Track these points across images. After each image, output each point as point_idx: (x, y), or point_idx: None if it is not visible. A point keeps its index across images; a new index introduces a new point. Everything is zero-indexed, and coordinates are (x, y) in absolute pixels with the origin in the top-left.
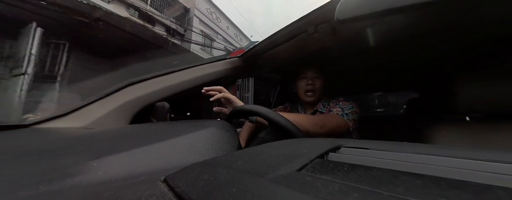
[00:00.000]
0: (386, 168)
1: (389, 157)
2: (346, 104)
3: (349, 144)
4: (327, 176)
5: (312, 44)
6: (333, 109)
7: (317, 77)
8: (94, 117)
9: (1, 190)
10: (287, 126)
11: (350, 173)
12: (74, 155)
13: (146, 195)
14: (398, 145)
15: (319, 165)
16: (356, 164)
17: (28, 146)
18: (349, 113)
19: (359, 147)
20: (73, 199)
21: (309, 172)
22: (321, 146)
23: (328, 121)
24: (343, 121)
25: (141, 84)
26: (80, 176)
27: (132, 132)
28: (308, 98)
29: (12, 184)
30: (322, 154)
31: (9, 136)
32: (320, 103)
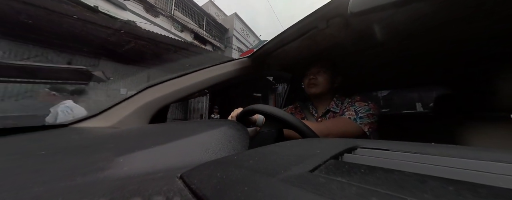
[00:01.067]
0: (410, 171)
1: (414, 160)
2: (362, 105)
3: (367, 144)
4: (342, 178)
5: (323, 40)
6: (346, 112)
7: (321, 72)
8: (119, 118)
9: (46, 180)
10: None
11: (368, 175)
12: (104, 151)
13: (165, 190)
14: (425, 147)
15: (333, 167)
16: (375, 166)
17: (67, 143)
18: (364, 117)
19: (378, 148)
20: (103, 190)
21: (323, 174)
22: (335, 146)
23: (336, 127)
24: (355, 127)
25: (158, 86)
26: (109, 170)
27: (152, 131)
28: (309, 89)
29: (55, 175)
30: (336, 155)
31: (52, 134)
32: (333, 102)
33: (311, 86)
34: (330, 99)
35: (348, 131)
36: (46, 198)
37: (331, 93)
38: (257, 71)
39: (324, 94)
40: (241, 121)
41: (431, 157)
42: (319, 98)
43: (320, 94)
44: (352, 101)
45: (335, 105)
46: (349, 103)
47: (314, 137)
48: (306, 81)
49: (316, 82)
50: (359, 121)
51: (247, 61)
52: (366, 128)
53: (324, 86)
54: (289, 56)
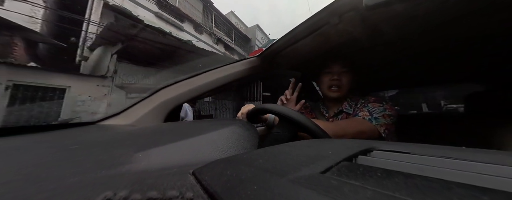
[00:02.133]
0: (435, 177)
1: (440, 165)
2: (377, 106)
3: (384, 146)
4: (356, 181)
5: (335, 37)
6: (360, 113)
7: (344, 72)
8: (137, 116)
9: (78, 172)
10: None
11: (385, 179)
12: (125, 147)
13: (178, 185)
14: (452, 151)
15: (346, 169)
16: (393, 170)
17: (95, 139)
18: (380, 117)
19: (397, 151)
20: (124, 183)
21: (335, 176)
22: (349, 148)
23: (351, 128)
24: (370, 127)
25: (172, 87)
26: (130, 164)
27: (167, 129)
28: (333, 94)
29: (85, 167)
30: (350, 156)
31: (84, 130)
32: (346, 103)
33: (334, 89)
34: (343, 100)
35: (364, 132)
36: (78, 187)
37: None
38: (266, 71)
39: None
40: (251, 119)
41: (460, 163)
42: (335, 99)
43: (342, 98)
44: (365, 102)
45: (348, 106)
46: (362, 104)
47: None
48: (326, 81)
49: (340, 84)
50: (375, 122)
51: (255, 61)
52: (382, 129)
53: (347, 89)
54: (299, 54)
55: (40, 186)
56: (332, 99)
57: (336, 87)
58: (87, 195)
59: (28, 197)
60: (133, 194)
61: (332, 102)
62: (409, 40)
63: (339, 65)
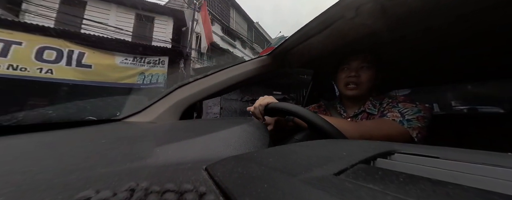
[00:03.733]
0: (471, 186)
1: (477, 172)
2: (409, 106)
3: (407, 149)
4: (374, 185)
5: (351, 31)
6: (388, 113)
7: (365, 67)
8: (156, 114)
9: (106, 164)
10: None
11: (408, 185)
12: (146, 142)
13: (192, 179)
14: (494, 157)
15: (363, 172)
16: (419, 175)
17: (120, 134)
18: (413, 119)
19: (424, 155)
20: (145, 175)
21: (350, 178)
22: (366, 149)
23: (378, 130)
24: (401, 130)
25: (187, 86)
26: (150, 158)
27: (182, 126)
28: (349, 92)
29: (112, 160)
30: (367, 159)
31: (111, 126)
32: (369, 102)
33: (351, 86)
34: (365, 98)
35: (393, 135)
36: (107, 177)
37: (367, 92)
38: (276, 69)
39: (363, 95)
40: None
41: (505, 171)
42: (354, 98)
43: (361, 96)
44: (394, 102)
45: (372, 106)
46: (389, 103)
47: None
48: (343, 78)
49: (359, 81)
50: (407, 124)
51: (266, 59)
52: (414, 133)
53: (367, 86)
54: (312, 51)
55: (78, 175)
56: (351, 98)
57: (354, 84)
58: (115, 185)
59: (70, 184)
60: (153, 186)
61: (351, 101)
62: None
63: (357, 60)
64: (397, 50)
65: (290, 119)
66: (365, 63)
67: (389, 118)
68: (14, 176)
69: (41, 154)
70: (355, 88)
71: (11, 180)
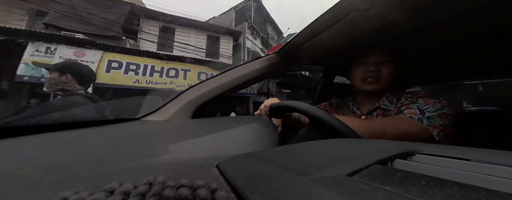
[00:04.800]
0: (508, 192)
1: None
2: (431, 102)
3: (431, 150)
4: (391, 187)
5: (366, 24)
6: (406, 110)
7: (385, 62)
8: (170, 113)
9: (128, 159)
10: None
11: (432, 189)
12: (161, 140)
13: (204, 176)
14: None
15: (379, 173)
16: (445, 179)
17: (138, 132)
18: (434, 117)
19: (451, 157)
20: (161, 171)
21: (365, 180)
22: (383, 149)
23: (392, 127)
24: (419, 128)
25: (198, 86)
26: (164, 155)
27: (194, 125)
28: (368, 86)
29: (133, 156)
30: (384, 159)
31: (130, 125)
32: (385, 98)
33: (370, 81)
34: (381, 94)
35: (409, 133)
36: (129, 171)
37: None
38: (285, 67)
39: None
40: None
41: None
42: (369, 94)
43: (379, 92)
44: (413, 97)
45: (388, 102)
46: (408, 99)
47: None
48: (360, 73)
49: (379, 75)
50: (427, 122)
51: (274, 57)
52: (435, 131)
53: (387, 81)
54: (322, 47)
55: (104, 169)
56: (367, 94)
57: (373, 79)
58: (136, 178)
59: (98, 176)
60: (169, 181)
61: (365, 98)
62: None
63: (376, 55)
64: (419, 42)
65: (296, 118)
66: (385, 57)
67: (406, 115)
68: (53, 168)
69: (73, 149)
70: (374, 82)
71: (51, 171)
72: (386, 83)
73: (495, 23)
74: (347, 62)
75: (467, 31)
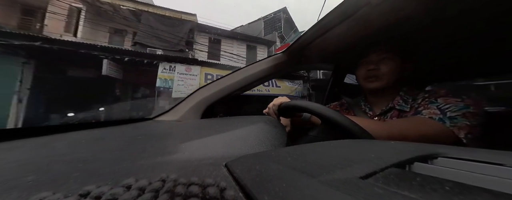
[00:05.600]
0: None
1: None
2: (453, 101)
3: (456, 153)
4: (410, 192)
5: (378, 19)
6: (424, 111)
7: (385, 59)
8: (181, 113)
9: (144, 157)
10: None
11: (458, 196)
12: (173, 139)
13: (214, 175)
14: None
15: (396, 177)
16: (473, 185)
17: (153, 131)
18: (458, 117)
19: (480, 161)
20: (173, 169)
21: (380, 183)
22: (400, 152)
23: (411, 130)
24: (441, 130)
25: (207, 87)
26: (176, 154)
27: (203, 125)
28: (369, 84)
29: (148, 154)
30: (401, 162)
31: (145, 124)
32: (399, 97)
33: (371, 79)
34: (394, 93)
35: (432, 136)
36: (144, 168)
37: (396, 86)
38: (293, 66)
39: (388, 87)
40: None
41: None
42: (378, 93)
43: (383, 89)
44: (431, 96)
45: (403, 102)
46: (426, 98)
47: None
48: (362, 72)
49: (378, 73)
50: (449, 123)
51: (281, 57)
52: (462, 133)
53: (389, 78)
54: (332, 44)
55: (122, 165)
56: (376, 93)
57: (373, 77)
58: (150, 175)
59: (116, 172)
60: (181, 178)
61: (376, 97)
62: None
63: (376, 52)
64: (437, 35)
65: (307, 118)
66: (386, 53)
67: (425, 116)
68: (77, 164)
69: (96, 147)
70: (375, 80)
71: (78, 166)
72: (388, 80)
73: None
74: (355, 59)
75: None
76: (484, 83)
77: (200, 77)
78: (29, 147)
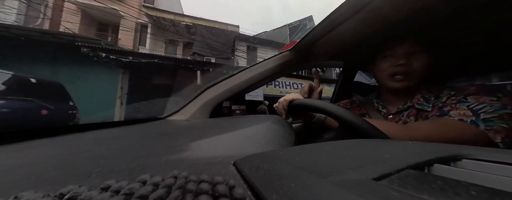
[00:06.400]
0: None
1: None
2: (487, 100)
3: (484, 155)
4: (429, 196)
5: (395, 10)
6: (452, 111)
7: (418, 53)
8: (190, 113)
9: (157, 154)
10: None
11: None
12: (183, 138)
13: (223, 173)
14: None
15: (413, 179)
16: (504, 190)
17: (164, 130)
18: (494, 119)
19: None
20: (184, 166)
21: (395, 185)
22: (418, 152)
23: (442, 135)
24: (474, 134)
25: (214, 87)
26: (186, 152)
27: (212, 124)
28: (397, 84)
29: (160, 151)
30: (419, 163)
31: (157, 123)
32: (420, 95)
33: (398, 77)
34: (413, 91)
35: (463, 141)
36: (157, 165)
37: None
38: (300, 64)
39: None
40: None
41: None
42: (400, 91)
43: (409, 89)
44: (458, 95)
45: (424, 100)
46: (452, 97)
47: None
48: (387, 68)
49: (409, 70)
50: (484, 126)
51: (288, 55)
52: (499, 137)
53: (419, 76)
54: (341, 40)
55: (138, 162)
56: (395, 91)
57: (402, 75)
58: (163, 172)
59: (133, 169)
60: (191, 175)
61: (393, 95)
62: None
63: (405, 45)
64: (459, 27)
65: (321, 120)
66: (417, 47)
67: (454, 118)
68: (99, 160)
69: (114, 145)
70: (403, 80)
71: (98, 163)
72: (418, 79)
73: None
74: (370, 55)
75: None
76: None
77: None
78: (55, 145)
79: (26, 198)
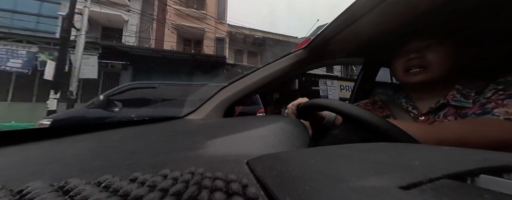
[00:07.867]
0: None
1: None
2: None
3: None
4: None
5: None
6: (496, 109)
7: (434, 44)
8: (206, 112)
9: (176, 150)
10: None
11: None
12: (199, 136)
13: (236, 171)
14: None
15: (451, 191)
16: None
17: (182, 129)
18: None
19: None
20: (200, 163)
21: (427, 196)
22: (458, 160)
23: (480, 136)
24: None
25: (229, 87)
26: (202, 149)
27: (226, 123)
28: (413, 77)
29: (179, 147)
30: (459, 173)
31: (176, 122)
32: (456, 91)
33: (414, 71)
34: (447, 86)
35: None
36: (175, 161)
37: (450, 77)
38: (315, 62)
39: (438, 80)
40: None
41: None
42: (425, 87)
43: (430, 82)
44: (507, 89)
45: (462, 96)
46: (498, 92)
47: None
48: (400, 64)
49: (423, 63)
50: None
51: (302, 53)
52: None
53: (440, 68)
54: (362, 35)
55: (159, 158)
56: (419, 86)
57: (418, 68)
58: (181, 167)
59: (155, 163)
60: (207, 172)
61: (421, 91)
62: None
63: (418, 39)
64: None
65: (332, 120)
66: (430, 39)
67: (499, 117)
68: (128, 154)
69: (139, 141)
70: (420, 72)
71: (127, 157)
72: (440, 70)
73: None
74: (390, 50)
75: None
76: None
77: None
78: (94, 140)
79: (73, 184)
